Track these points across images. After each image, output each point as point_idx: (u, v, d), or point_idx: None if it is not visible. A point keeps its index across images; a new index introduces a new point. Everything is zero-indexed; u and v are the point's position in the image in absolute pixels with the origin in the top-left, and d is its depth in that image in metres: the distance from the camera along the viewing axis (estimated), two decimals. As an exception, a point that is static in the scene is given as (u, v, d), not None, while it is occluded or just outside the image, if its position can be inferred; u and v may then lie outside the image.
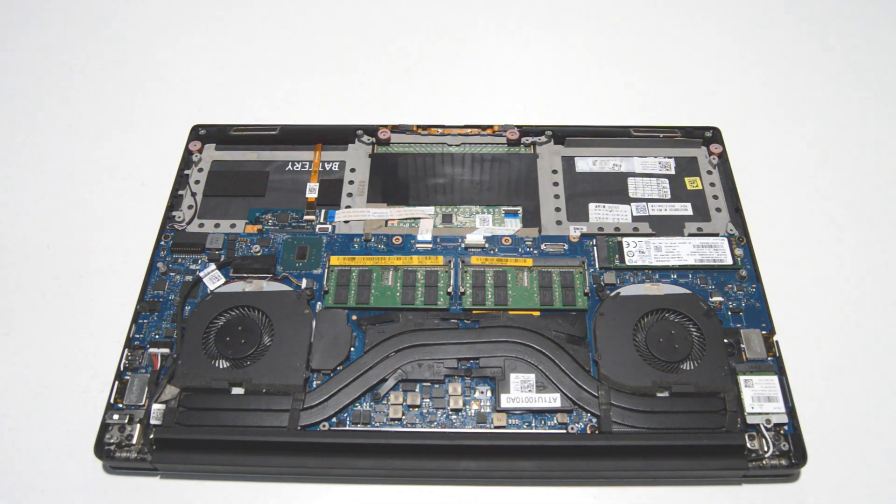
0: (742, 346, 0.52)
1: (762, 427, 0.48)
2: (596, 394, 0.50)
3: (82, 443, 0.50)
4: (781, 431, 0.49)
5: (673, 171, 0.62)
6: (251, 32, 0.79)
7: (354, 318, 0.54)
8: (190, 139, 0.65)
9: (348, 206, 0.60)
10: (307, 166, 0.63)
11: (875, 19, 0.78)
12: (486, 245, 0.57)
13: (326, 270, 0.55)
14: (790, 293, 0.57)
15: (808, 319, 0.57)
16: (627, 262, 0.56)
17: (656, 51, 0.76)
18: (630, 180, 0.62)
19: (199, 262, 0.57)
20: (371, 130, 0.65)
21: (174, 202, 0.61)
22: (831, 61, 0.75)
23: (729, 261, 0.56)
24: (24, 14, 0.80)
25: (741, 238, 0.58)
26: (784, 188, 0.65)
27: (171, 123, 0.69)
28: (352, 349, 0.52)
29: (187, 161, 0.64)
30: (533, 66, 0.75)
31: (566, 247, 0.57)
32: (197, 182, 0.62)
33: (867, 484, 0.49)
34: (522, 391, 0.50)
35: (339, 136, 0.65)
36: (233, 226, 0.59)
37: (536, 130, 0.64)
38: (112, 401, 0.50)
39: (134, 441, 0.48)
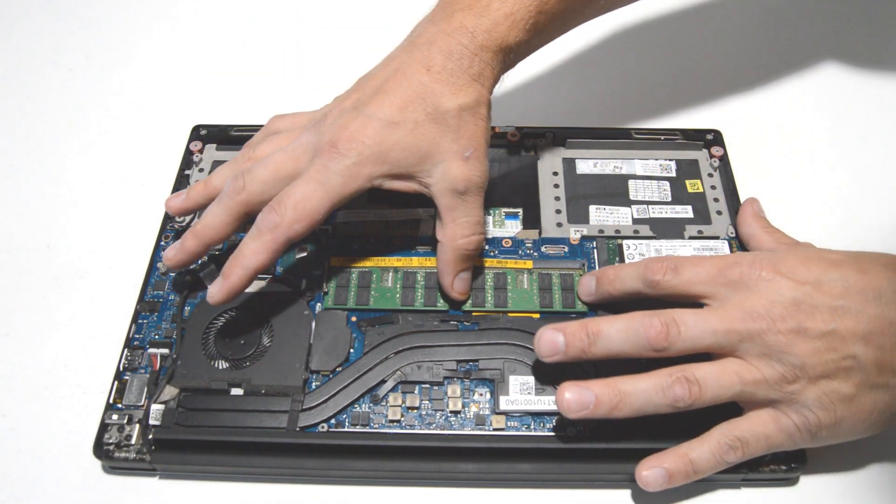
0: (742, 349, 0.52)
1: (762, 430, 0.48)
2: (595, 396, 0.49)
3: (81, 443, 0.50)
4: (781, 435, 0.49)
5: (674, 174, 0.62)
6: (252, 33, 0.79)
7: (354, 319, 0.53)
8: (190, 139, 0.65)
9: (348, 207, 0.60)
10: (307, 167, 0.63)
11: (876, 21, 0.78)
12: (486, 247, 0.57)
13: (326, 271, 0.55)
14: (790, 296, 0.57)
15: (808, 322, 0.56)
16: (627, 265, 0.56)
17: (657, 52, 0.76)
18: (631, 182, 0.62)
19: (200, 262, 0.57)
20: (372, 131, 0.65)
21: (174, 202, 0.61)
22: (832, 63, 0.75)
23: (729, 263, 0.56)
24: (24, 14, 0.80)
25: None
26: (785, 191, 0.64)
27: (171, 123, 0.69)
28: (351, 350, 0.52)
29: (188, 161, 0.64)
30: (533, 66, 0.75)
31: (566, 249, 0.57)
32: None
33: (867, 489, 0.49)
34: (522, 393, 0.50)
35: (339, 137, 0.65)
36: (233, 226, 0.59)
37: (537, 132, 0.64)
38: (111, 401, 0.50)
39: (133, 441, 0.49)
